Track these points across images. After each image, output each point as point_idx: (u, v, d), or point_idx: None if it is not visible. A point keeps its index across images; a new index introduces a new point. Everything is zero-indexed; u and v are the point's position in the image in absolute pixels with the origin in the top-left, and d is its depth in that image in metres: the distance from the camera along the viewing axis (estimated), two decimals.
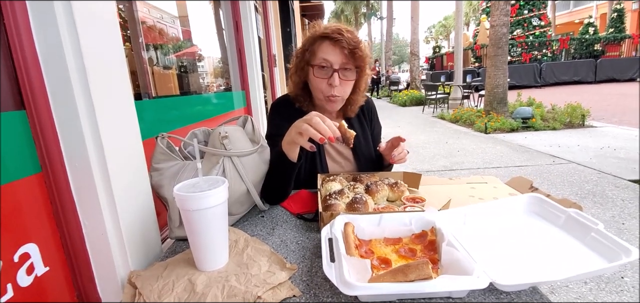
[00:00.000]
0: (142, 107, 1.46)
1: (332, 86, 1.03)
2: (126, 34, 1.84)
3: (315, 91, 1.09)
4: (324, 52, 1.03)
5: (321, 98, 1.08)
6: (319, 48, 1.04)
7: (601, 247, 0.61)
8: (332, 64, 1.02)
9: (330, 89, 1.04)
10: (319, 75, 1.05)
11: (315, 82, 1.07)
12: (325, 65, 1.03)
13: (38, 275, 0.60)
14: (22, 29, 0.59)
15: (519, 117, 5.82)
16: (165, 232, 1.04)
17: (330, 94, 1.05)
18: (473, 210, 0.77)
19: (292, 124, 0.86)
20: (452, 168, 3.86)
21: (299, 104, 1.16)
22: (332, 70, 1.03)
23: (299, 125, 0.81)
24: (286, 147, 0.88)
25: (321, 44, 1.04)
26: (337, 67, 1.03)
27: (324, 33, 1.03)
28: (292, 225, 0.84)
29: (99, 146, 0.65)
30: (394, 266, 0.61)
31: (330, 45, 1.02)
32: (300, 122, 0.82)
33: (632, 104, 7.83)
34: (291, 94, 1.18)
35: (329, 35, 1.02)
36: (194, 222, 0.61)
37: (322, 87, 1.05)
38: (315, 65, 1.04)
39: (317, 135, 0.78)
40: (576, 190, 2.93)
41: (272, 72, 4.45)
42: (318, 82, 1.05)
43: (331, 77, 1.03)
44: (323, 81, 1.05)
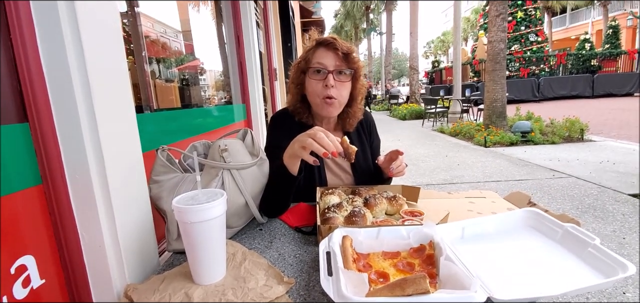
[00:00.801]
0: (144, 119, 1.48)
1: (328, 87, 1.06)
2: (129, 47, 1.88)
3: (312, 96, 1.11)
4: (318, 57, 1.08)
5: (318, 102, 1.10)
6: (314, 54, 1.09)
7: (598, 262, 0.61)
8: (327, 66, 1.07)
9: (326, 90, 1.07)
10: (314, 78, 1.08)
11: (311, 86, 1.09)
12: (320, 69, 1.07)
13: (34, 288, 0.59)
14: (28, 43, 0.60)
15: (518, 131, 5.84)
16: (163, 244, 1.04)
17: (327, 94, 1.07)
18: (471, 224, 0.77)
19: (295, 138, 0.87)
20: (452, 182, 3.85)
21: (299, 116, 1.18)
22: (327, 72, 1.06)
23: (303, 139, 0.82)
24: (287, 160, 0.89)
25: (316, 51, 1.09)
26: (332, 69, 1.06)
27: (318, 40, 1.09)
28: (291, 238, 0.84)
29: (99, 159, 0.66)
30: (392, 280, 0.61)
31: (324, 50, 1.07)
32: (304, 136, 0.82)
33: (630, 119, 7.88)
34: (290, 107, 1.20)
35: (322, 41, 1.08)
36: (192, 234, 0.61)
37: (317, 89, 1.08)
38: (311, 69, 1.08)
39: (320, 149, 0.79)
40: (577, 204, 2.92)
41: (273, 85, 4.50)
42: (314, 85, 1.08)
43: (326, 78, 1.06)
44: (319, 83, 1.08)
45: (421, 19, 14.11)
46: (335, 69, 1.07)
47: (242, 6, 2.65)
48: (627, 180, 3.46)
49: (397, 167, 1.10)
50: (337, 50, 1.05)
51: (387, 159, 1.15)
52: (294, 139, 0.87)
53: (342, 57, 1.06)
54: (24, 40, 0.60)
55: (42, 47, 0.62)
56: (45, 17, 0.61)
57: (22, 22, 0.60)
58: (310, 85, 1.09)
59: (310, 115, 1.18)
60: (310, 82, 1.09)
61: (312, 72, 1.08)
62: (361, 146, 1.27)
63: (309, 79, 1.10)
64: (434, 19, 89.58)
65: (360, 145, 1.27)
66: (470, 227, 0.77)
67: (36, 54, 0.61)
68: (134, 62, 1.88)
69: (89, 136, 0.65)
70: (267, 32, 4.43)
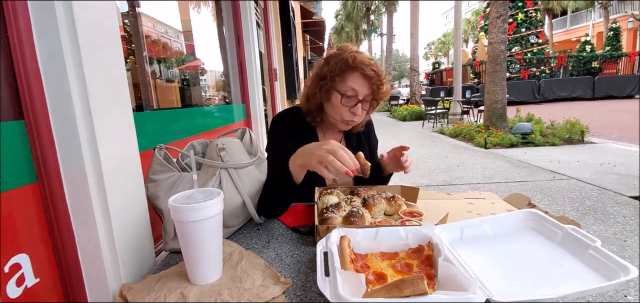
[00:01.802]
0: (143, 118, 1.47)
1: (355, 114, 1.07)
2: (130, 47, 1.87)
3: (334, 113, 1.10)
4: (353, 83, 1.05)
5: (338, 120, 1.10)
6: (350, 77, 1.05)
7: (599, 265, 0.60)
8: (358, 94, 1.05)
9: (351, 116, 1.08)
10: (344, 103, 1.06)
11: (336, 105, 1.08)
12: (352, 95, 1.06)
13: (28, 287, 0.59)
14: (24, 41, 0.60)
15: (519, 132, 5.83)
16: (160, 244, 1.03)
17: (350, 119, 1.08)
18: (470, 225, 0.76)
19: (308, 149, 0.84)
20: (452, 183, 3.84)
21: (310, 118, 1.17)
22: (356, 100, 1.06)
23: (321, 155, 0.78)
24: (295, 168, 0.87)
25: (352, 74, 1.05)
26: (362, 98, 1.06)
27: (358, 65, 1.04)
28: (288, 238, 0.84)
29: (95, 157, 0.65)
30: (389, 281, 0.60)
31: (361, 78, 1.04)
32: (322, 151, 0.79)
33: (631, 121, 7.86)
34: (304, 108, 1.18)
35: (362, 69, 1.03)
36: (188, 234, 0.60)
37: (343, 112, 1.08)
38: (343, 93, 1.06)
39: (342, 168, 0.77)
40: (577, 207, 2.91)
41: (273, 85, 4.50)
42: (340, 107, 1.07)
43: (355, 107, 1.06)
44: (345, 108, 1.07)
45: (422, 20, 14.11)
46: (365, 99, 1.07)
47: (242, 6, 2.65)
48: (628, 182, 3.45)
49: (405, 162, 1.11)
50: (373, 84, 1.04)
51: (391, 156, 1.15)
52: (307, 150, 0.84)
53: (374, 88, 1.06)
54: (21, 38, 0.60)
55: (38, 45, 0.62)
56: (42, 15, 0.61)
57: (19, 20, 0.59)
58: (336, 103, 1.07)
59: (322, 120, 1.18)
60: (337, 102, 1.07)
61: (343, 95, 1.05)
62: (361, 148, 1.27)
63: (336, 98, 1.07)
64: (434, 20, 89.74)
65: (360, 148, 1.27)
66: (470, 228, 0.76)
67: (33, 51, 0.61)
68: (135, 62, 1.88)
69: (85, 134, 0.64)
70: (268, 33, 4.43)
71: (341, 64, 1.04)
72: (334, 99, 1.07)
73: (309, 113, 1.16)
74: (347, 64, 1.04)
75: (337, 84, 1.06)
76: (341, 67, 1.04)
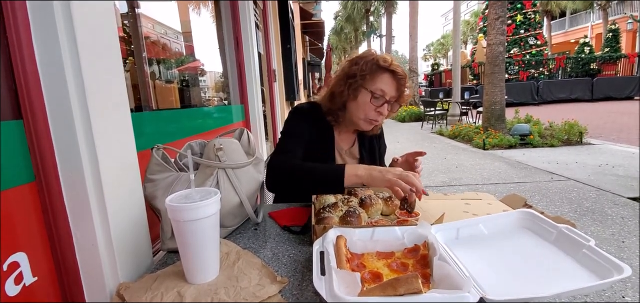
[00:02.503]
0: (142, 119, 1.47)
1: (381, 114, 1.10)
2: (130, 48, 1.88)
3: (359, 112, 1.12)
4: (383, 83, 1.08)
5: (362, 118, 1.12)
6: (380, 77, 1.08)
7: (593, 264, 0.61)
8: (386, 94, 1.08)
9: (376, 116, 1.11)
10: (373, 102, 1.09)
11: (364, 104, 1.10)
12: (380, 95, 1.08)
13: (26, 285, 0.59)
14: (23, 40, 0.60)
15: (517, 133, 5.85)
16: (157, 244, 1.04)
17: (375, 119, 1.11)
18: (466, 225, 0.77)
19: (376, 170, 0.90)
20: (450, 184, 3.85)
21: (331, 117, 1.18)
22: (384, 100, 1.09)
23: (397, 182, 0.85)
24: (354, 179, 0.92)
25: (382, 75, 1.09)
26: (389, 99, 1.09)
27: (389, 67, 1.09)
28: (285, 238, 0.84)
29: (93, 157, 0.66)
30: (385, 280, 0.61)
31: (390, 79, 1.09)
32: (398, 179, 0.85)
33: (630, 122, 7.89)
34: (325, 106, 1.19)
35: (393, 71, 1.09)
36: (185, 233, 0.61)
37: (368, 111, 1.10)
38: (372, 92, 1.08)
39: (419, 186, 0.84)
40: (575, 207, 2.92)
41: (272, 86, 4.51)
42: (367, 105, 1.10)
43: (382, 106, 1.09)
44: (372, 107, 1.09)
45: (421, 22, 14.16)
46: (391, 99, 1.10)
47: (241, 7, 2.66)
48: (626, 184, 3.46)
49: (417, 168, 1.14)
50: (401, 85, 1.09)
51: (404, 160, 1.18)
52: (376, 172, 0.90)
53: (401, 90, 1.10)
54: (20, 37, 0.60)
55: (37, 44, 0.62)
56: (41, 15, 0.61)
57: (18, 20, 0.60)
58: (364, 104, 1.10)
59: (341, 119, 1.18)
60: (365, 101, 1.09)
61: (372, 94, 1.08)
62: (372, 153, 1.30)
63: (364, 96, 1.09)
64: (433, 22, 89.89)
65: (372, 152, 1.30)
66: (465, 227, 0.76)
67: (31, 51, 0.61)
68: (134, 63, 1.89)
69: (82, 134, 0.65)
70: (266, 34, 4.44)
71: (372, 64, 1.09)
72: (361, 97, 1.10)
73: (330, 111, 1.17)
74: (378, 65, 1.09)
75: (367, 83, 1.09)
76: (372, 67, 1.09)
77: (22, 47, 0.60)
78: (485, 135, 6.09)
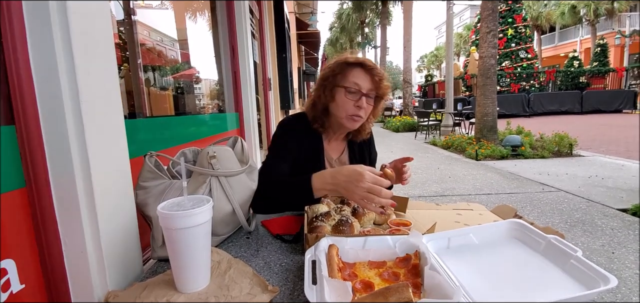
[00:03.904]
0: (135, 126, 1.47)
1: (360, 107, 1.11)
2: (125, 55, 1.88)
3: (339, 110, 1.13)
4: (356, 77, 1.10)
5: (343, 116, 1.14)
6: (351, 73, 1.11)
7: (580, 274, 0.62)
8: (361, 88, 1.10)
9: (356, 110, 1.11)
10: (348, 97, 1.11)
11: (342, 102, 1.12)
12: (355, 89, 1.10)
13: (13, 292, 0.58)
14: (18, 45, 0.60)
15: (509, 144, 5.93)
16: (147, 252, 1.03)
17: (355, 113, 1.12)
18: (457, 235, 0.78)
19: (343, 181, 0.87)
20: (443, 194, 3.87)
21: (317, 124, 1.19)
22: (360, 93, 1.10)
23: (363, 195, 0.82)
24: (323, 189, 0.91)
25: (353, 70, 1.11)
26: (365, 92, 1.10)
27: (358, 61, 1.12)
28: (277, 247, 0.84)
29: (85, 163, 0.65)
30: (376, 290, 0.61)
31: (363, 72, 1.11)
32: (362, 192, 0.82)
33: (618, 135, 8.05)
34: (310, 115, 1.20)
35: (362, 63, 1.12)
36: (176, 241, 0.60)
37: (347, 106, 1.11)
38: (346, 87, 1.10)
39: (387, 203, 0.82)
40: (566, 218, 2.95)
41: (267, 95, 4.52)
42: (345, 102, 1.11)
43: (359, 100, 1.10)
44: (350, 102, 1.11)
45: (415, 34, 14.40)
46: (368, 92, 1.11)
47: (237, 17, 2.68)
48: (615, 195, 3.52)
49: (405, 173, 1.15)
50: (374, 76, 1.10)
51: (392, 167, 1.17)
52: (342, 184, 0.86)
53: (377, 81, 1.11)
54: (15, 42, 0.60)
55: (32, 50, 0.62)
56: (37, 20, 0.62)
57: (13, 24, 0.60)
58: (342, 100, 1.12)
59: (328, 125, 1.20)
60: (343, 98, 1.11)
61: (347, 90, 1.10)
62: (362, 159, 1.31)
63: (340, 94, 1.12)
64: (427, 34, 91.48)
65: (362, 158, 1.31)
66: (456, 237, 0.77)
67: (26, 56, 0.61)
68: (129, 69, 1.89)
69: (75, 140, 0.64)
70: (262, 43, 4.47)
71: (342, 64, 1.13)
72: (338, 96, 1.12)
73: (315, 119, 1.19)
74: (348, 62, 1.12)
75: (340, 81, 1.12)
76: (342, 66, 1.12)
77: (16, 51, 0.60)
78: (477, 146, 6.17)
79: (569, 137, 5.95)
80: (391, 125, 12.35)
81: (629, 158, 5.42)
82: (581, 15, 23.76)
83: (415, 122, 10.66)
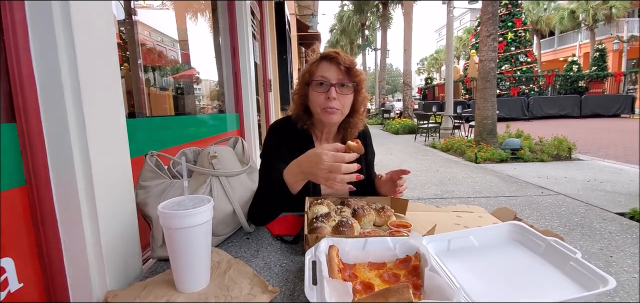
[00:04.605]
0: (135, 126, 1.47)
1: (330, 98, 1.10)
2: (125, 54, 1.88)
3: (314, 106, 1.14)
4: (321, 70, 1.11)
5: (319, 111, 1.13)
6: (317, 67, 1.12)
7: (579, 276, 0.62)
8: (329, 79, 1.10)
9: (327, 102, 1.10)
10: (317, 90, 1.11)
11: (313, 97, 1.13)
12: (323, 81, 1.10)
13: (11, 291, 0.58)
14: (20, 44, 0.60)
15: (508, 148, 5.94)
16: (147, 251, 1.02)
17: (328, 105, 1.10)
18: (457, 237, 0.78)
19: (306, 165, 0.85)
20: (443, 197, 3.87)
21: (301, 124, 1.20)
22: (329, 85, 1.10)
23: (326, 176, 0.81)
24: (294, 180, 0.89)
25: (319, 64, 1.12)
26: (334, 82, 1.10)
27: (321, 54, 1.14)
28: (277, 247, 0.84)
29: (86, 163, 0.65)
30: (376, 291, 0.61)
31: (327, 64, 1.11)
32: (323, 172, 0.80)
33: (617, 139, 8.07)
34: (293, 116, 1.22)
35: (325, 55, 1.12)
36: (176, 240, 0.60)
37: (319, 100, 1.12)
38: (314, 81, 1.11)
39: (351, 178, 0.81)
40: (564, 222, 2.96)
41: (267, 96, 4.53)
42: (316, 96, 1.12)
43: (328, 91, 1.10)
44: (321, 95, 1.11)
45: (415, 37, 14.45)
46: (338, 82, 1.10)
47: (238, 18, 2.69)
48: (614, 199, 3.53)
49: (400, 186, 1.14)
50: (340, 65, 1.09)
51: (388, 178, 1.17)
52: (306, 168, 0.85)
53: (344, 70, 1.10)
54: (17, 41, 0.60)
55: (34, 48, 0.62)
56: (40, 18, 0.62)
57: (16, 22, 0.60)
58: (313, 96, 1.13)
59: (312, 124, 1.21)
60: (313, 93, 1.12)
61: (315, 84, 1.11)
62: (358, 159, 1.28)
63: (312, 91, 1.13)
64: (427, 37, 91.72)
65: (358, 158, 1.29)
66: (456, 239, 0.77)
67: (28, 54, 0.61)
68: (129, 69, 1.89)
69: (76, 140, 0.64)
70: (263, 44, 4.48)
71: (309, 64, 1.16)
72: (310, 93, 1.14)
73: (299, 119, 1.19)
74: (313, 61, 1.15)
75: (309, 78, 1.14)
76: (311, 67, 1.14)
77: (18, 50, 0.60)
78: (477, 148, 6.18)
79: (567, 141, 5.96)
80: (391, 128, 12.36)
81: (627, 163, 5.44)
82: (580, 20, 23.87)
83: (414, 125, 10.67)
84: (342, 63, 1.09)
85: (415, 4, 16.33)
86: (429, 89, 21.62)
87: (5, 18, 0.59)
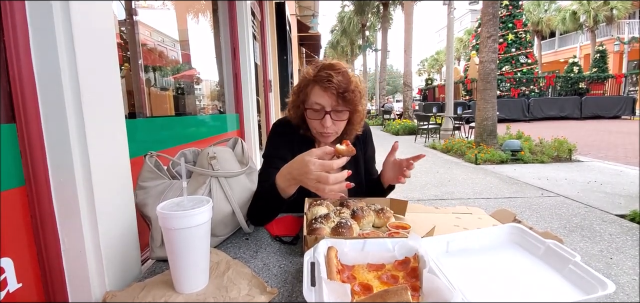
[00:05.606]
0: (135, 126, 1.47)
1: (325, 126, 1.07)
2: (126, 54, 1.88)
3: (310, 127, 1.14)
4: (315, 96, 1.06)
5: (314, 133, 1.14)
6: (312, 92, 1.07)
7: (578, 279, 0.62)
8: (324, 106, 1.06)
9: (322, 128, 1.08)
10: (312, 117, 1.09)
11: (309, 121, 1.11)
12: (317, 108, 1.06)
13: (10, 291, 0.58)
14: (20, 44, 0.60)
15: (508, 149, 5.94)
16: (146, 252, 1.02)
17: (322, 131, 1.09)
18: (456, 239, 0.78)
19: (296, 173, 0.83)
20: (443, 198, 3.87)
21: (301, 130, 1.19)
22: (324, 112, 1.06)
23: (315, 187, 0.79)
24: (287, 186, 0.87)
25: (313, 88, 1.07)
26: (329, 110, 1.06)
27: (315, 77, 1.06)
28: (276, 248, 0.84)
29: (85, 163, 0.65)
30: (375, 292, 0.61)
31: (321, 90, 1.05)
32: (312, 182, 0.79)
33: (617, 140, 8.07)
34: (292, 121, 1.20)
35: (319, 79, 1.05)
36: (175, 241, 0.60)
37: (315, 125, 1.10)
38: (309, 108, 1.08)
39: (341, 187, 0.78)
40: (564, 224, 2.95)
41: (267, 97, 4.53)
42: (312, 121, 1.10)
43: (323, 119, 1.06)
44: (316, 121, 1.08)
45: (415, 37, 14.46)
46: (332, 109, 1.06)
47: (239, 19, 2.69)
48: (614, 201, 3.52)
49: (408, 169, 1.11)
50: (332, 93, 1.03)
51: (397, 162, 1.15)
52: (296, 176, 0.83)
53: (337, 96, 1.04)
54: (17, 41, 0.60)
55: (34, 49, 0.62)
56: (40, 19, 0.62)
57: (16, 23, 0.60)
58: (308, 119, 1.11)
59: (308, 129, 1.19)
60: (309, 117, 1.10)
61: (310, 111, 1.08)
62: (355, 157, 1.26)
63: (307, 113, 1.10)
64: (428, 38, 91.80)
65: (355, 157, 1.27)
66: (455, 241, 0.77)
67: (28, 54, 0.62)
68: (130, 69, 1.89)
69: (76, 139, 0.64)
70: (264, 45, 4.49)
71: (305, 80, 1.09)
72: (306, 114, 1.10)
73: (299, 126, 1.18)
74: (308, 80, 1.07)
75: (304, 99, 1.09)
76: (306, 83, 1.08)
77: (18, 50, 0.60)
78: (477, 150, 6.17)
79: (568, 142, 5.96)
80: (391, 128, 12.36)
81: (627, 164, 5.44)
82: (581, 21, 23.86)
83: (415, 126, 10.67)
84: (335, 90, 1.03)
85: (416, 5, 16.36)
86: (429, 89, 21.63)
87: (5, 18, 0.59)
